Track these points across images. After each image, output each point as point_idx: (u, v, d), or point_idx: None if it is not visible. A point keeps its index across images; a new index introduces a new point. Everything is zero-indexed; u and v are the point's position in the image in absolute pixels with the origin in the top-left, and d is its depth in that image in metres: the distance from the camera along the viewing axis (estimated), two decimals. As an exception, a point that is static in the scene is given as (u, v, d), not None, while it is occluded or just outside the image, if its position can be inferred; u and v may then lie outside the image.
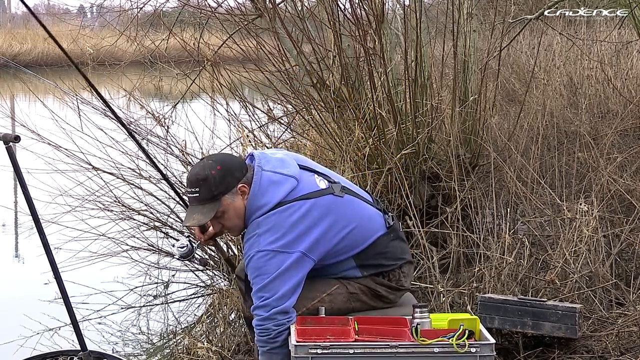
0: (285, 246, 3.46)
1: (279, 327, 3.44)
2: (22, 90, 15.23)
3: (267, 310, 3.43)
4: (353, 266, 3.68)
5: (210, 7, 7.90)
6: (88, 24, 13.98)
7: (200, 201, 3.54)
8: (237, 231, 3.68)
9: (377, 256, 3.71)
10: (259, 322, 3.45)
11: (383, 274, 3.71)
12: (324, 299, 3.59)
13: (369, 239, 3.69)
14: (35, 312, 5.89)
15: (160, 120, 7.30)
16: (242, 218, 3.59)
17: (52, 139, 6.75)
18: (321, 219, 3.52)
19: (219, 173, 3.52)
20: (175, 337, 6.03)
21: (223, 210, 3.55)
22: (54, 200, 6.54)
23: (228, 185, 3.53)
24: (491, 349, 3.22)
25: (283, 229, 3.47)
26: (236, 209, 3.56)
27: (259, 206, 3.52)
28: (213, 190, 3.51)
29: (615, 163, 6.36)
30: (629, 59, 9.87)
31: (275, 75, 7.13)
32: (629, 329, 4.72)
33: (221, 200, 3.52)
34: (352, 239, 3.63)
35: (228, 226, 3.63)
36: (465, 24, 6.52)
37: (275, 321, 3.43)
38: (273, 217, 3.49)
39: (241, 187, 3.55)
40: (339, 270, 3.67)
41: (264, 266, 3.45)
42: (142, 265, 6.85)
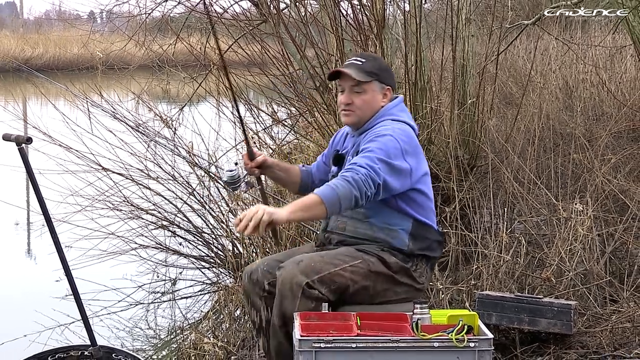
0: (406, 149, 3.62)
1: (368, 177, 3.46)
2: (34, 93, 15.23)
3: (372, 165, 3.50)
4: (407, 229, 3.69)
5: (216, 12, 7.91)
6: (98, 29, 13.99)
7: (359, 68, 3.72)
8: (357, 116, 3.77)
9: (428, 240, 3.74)
10: (360, 166, 3.49)
11: (412, 267, 3.72)
12: (346, 268, 3.58)
13: (430, 218, 3.76)
14: (46, 309, 5.89)
15: (167, 122, 7.32)
16: (370, 110, 3.75)
17: (63, 141, 6.76)
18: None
19: (385, 66, 3.90)
20: (183, 333, 6.03)
21: (366, 89, 3.73)
22: (65, 200, 6.55)
23: (384, 78, 3.77)
24: (489, 344, 3.22)
25: (410, 138, 3.68)
26: (373, 99, 3.75)
27: (398, 116, 3.75)
28: (374, 70, 3.75)
29: (609, 164, 6.36)
30: (622, 63, 9.87)
31: (279, 79, 7.16)
32: (623, 325, 4.72)
33: (372, 82, 3.74)
34: (425, 199, 3.74)
35: (357, 104, 3.74)
36: (463, 29, 6.52)
37: (369, 173, 3.47)
38: (406, 128, 3.71)
39: (388, 89, 3.78)
40: (396, 222, 3.68)
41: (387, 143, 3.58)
42: (150, 263, 6.87)
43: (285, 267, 3.56)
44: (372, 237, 3.69)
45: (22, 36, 37.16)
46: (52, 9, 30.12)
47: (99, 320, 6.05)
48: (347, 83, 3.74)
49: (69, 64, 27.77)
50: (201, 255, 6.76)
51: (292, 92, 7.18)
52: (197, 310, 6.53)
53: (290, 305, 3.48)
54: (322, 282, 3.52)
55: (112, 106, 7.17)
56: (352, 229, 3.72)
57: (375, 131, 3.65)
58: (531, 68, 8.79)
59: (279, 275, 3.56)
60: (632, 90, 8.71)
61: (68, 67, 22.31)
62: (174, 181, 6.77)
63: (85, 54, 10.95)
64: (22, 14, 50.91)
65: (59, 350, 3.67)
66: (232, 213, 6.67)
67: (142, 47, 9.45)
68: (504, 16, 8.65)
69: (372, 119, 3.75)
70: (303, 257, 3.60)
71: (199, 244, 6.74)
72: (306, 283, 3.48)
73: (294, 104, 7.36)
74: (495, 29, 7.44)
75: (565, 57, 10.00)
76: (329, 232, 3.81)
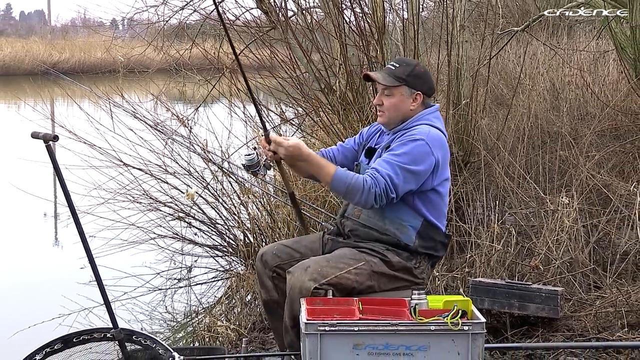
0: (436, 153, 3.61)
1: (384, 192, 3.50)
2: (61, 95, 15.23)
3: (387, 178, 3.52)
4: (417, 227, 3.67)
5: (229, 19, 7.90)
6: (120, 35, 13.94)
7: (390, 73, 3.72)
8: (387, 117, 3.76)
9: (433, 241, 3.72)
10: (382, 177, 3.50)
11: (415, 264, 3.70)
12: (350, 271, 3.57)
13: (440, 220, 3.74)
14: (72, 294, 5.90)
15: (184, 121, 7.31)
16: (398, 112, 3.72)
17: (87, 138, 6.76)
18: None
19: (419, 72, 3.75)
20: (198, 316, 6.02)
21: (394, 93, 3.71)
22: (89, 193, 6.55)
23: (414, 84, 3.71)
24: (482, 327, 3.21)
25: (442, 145, 3.67)
26: (401, 102, 3.72)
27: (433, 122, 3.71)
28: (404, 75, 3.70)
29: (593, 160, 6.36)
30: (605, 67, 9.86)
31: (287, 81, 7.14)
32: (606, 309, 4.72)
33: (400, 86, 3.69)
34: (440, 201, 3.72)
35: (386, 106, 3.73)
36: (458, 35, 6.50)
37: (387, 187, 3.50)
38: (440, 135, 3.69)
39: (417, 94, 3.71)
40: (408, 219, 3.66)
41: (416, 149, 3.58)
42: (167, 252, 6.87)
43: (293, 273, 3.56)
44: (383, 228, 3.67)
45: (50, 42, 37.23)
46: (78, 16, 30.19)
47: (120, 305, 6.06)
48: (380, 85, 3.76)
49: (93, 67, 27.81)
50: (215, 244, 6.76)
51: (299, 93, 7.17)
52: (211, 295, 6.53)
53: (299, 308, 3.47)
54: (329, 284, 3.53)
55: (133, 106, 7.17)
56: (365, 217, 3.70)
57: (410, 134, 3.63)
58: (520, 71, 8.77)
59: (288, 280, 3.58)
60: (614, 92, 8.69)
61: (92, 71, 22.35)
62: (189, 176, 6.77)
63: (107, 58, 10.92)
64: (50, 22, 51.00)
65: (84, 332, 3.67)
66: (243, 206, 6.67)
67: (161, 52, 9.44)
68: (495, 23, 8.63)
69: (408, 121, 3.73)
70: (310, 263, 3.59)
71: (212, 234, 6.74)
72: (314, 287, 3.49)
73: (301, 104, 7.35)
74: (488, 35, 7.43)
75: (552, 61, 9.99)
76: (345, 217, 3.80)
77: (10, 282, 7.07)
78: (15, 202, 8.51)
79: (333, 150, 4.04)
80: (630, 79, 7.63)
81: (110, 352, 3.63)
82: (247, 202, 6.67)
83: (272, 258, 3.82)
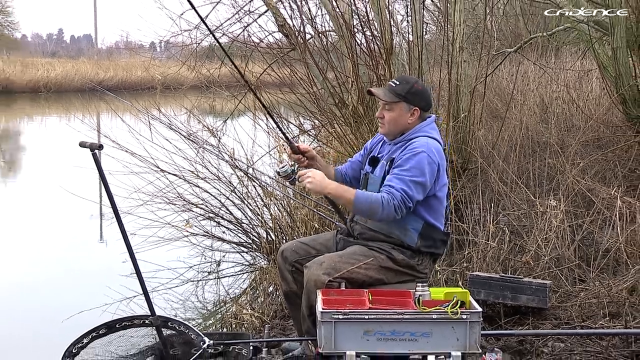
0: (438, 163, 3.63)
1: (401, 203, 3.51)
2: (105, 109, 15.31)
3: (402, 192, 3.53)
4: (418, 229, 3.66)
5: (254, 42, 7.93)
6: (157, 56, 14.02)
7: (390, 90, 3.72)
8: (387, 129, 3.77)
9: (434, 240, 3.71)
10: (397, 191, 3.51)
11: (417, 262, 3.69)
12: (360, 266, 3.58)
13: (439, 220, 3.73)
14: (115, 285, 5.91)
15: (213, 132, 7.33)
16: (396, 125, 3.73)
17: (128, 147, 6.79)
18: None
19: (417, 89, 3.73)
20: (225, 305, 6.03)
21: (394, 108, 3.71)
22: (130, 196, 6.57)
23: (412, 100, 3.70)
24: (478, 316, 3.21)
25: (440, 154, 3.66)
26: (400, 118, 3.72)
27: (429, 133, 3.71)
28: (403, 92, 3.70)
29: (578, 167, 6.33)
30: (589, 84, 9.81)
31: (305, 97, 7.16)
32: (589, 300, 4.69)
33: (399, 102, 3.70)
34: (439, 205, 3.71)
35: (386, 119, 3.75)
36: (457, 55, 6.49)
37: (403, 199, 3.51)
38: (437, 145, 3.68)
39: (415, 110, 3.71)
40: (410, 223, 3.65)
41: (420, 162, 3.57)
42: (199, 248, 6.88)
43: (310, 268, 3.58)
44: (388, 232, 3.67)
45: (96, 62, 37.44)
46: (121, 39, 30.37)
47: (157, 295, 6.06)
48: (381, 100, 3.77)
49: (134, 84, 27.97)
50: (241, 241, 6.77)
51: (315, 107, 7.18)
52: (237, 287, 6.53)
53: (315, 299, 3.48)
54: (341, 278, 3.54)
55: (168, 119, 7.20)
56: (372, 222, 3.70)
57: (411, 147, 3.63)
58: (513, 88, 8.76)
59: (305, 274, 3.59)
60: (597, 107, 8.65)
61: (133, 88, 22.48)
62: (218, 180, 6.79)
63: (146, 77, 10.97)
64: (97, 44, 51.23)
65: (125, 319, 3.68)
66: (266, 207, 6.67)
67: (193, 71, 9.47)
68: (490, 45, 8.60)
69: (407, 133, 3.73)
70: (325, 259, 3.61)
71: (239, 233, 6.75)
72: (328, 281, 3.50)
73: (317, 117, 7.36)
74: (484, 55, 7.39)
75: (542, 79, 9.95)
76: (354, 222, 3.81)
77: (61, 274, 7.10)
78: (65, 204, 8.53)
79: (345, 166, 4.07)
80: (612, 95, 7.60)
81: (149, 337, 3.64)
82: (270, 204, 6.68)
83: (292, 254, 3.83)
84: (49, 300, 6.34)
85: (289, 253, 3.84)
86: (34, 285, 6.76)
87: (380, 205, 3.48)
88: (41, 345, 5.19)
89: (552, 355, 4.16)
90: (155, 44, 15.91)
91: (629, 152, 7.28)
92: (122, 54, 36.18)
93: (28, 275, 7.05)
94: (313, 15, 7.43)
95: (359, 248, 3.69)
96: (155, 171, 6.74)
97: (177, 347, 3.62)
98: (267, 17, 8.43)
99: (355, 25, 6.77)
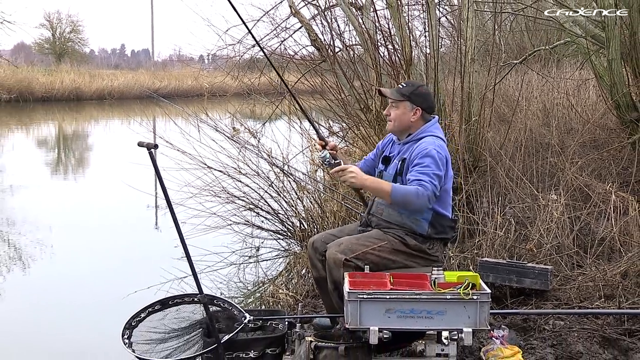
0: (446, 158, 3.62)
1: (432, 193, 3.48)
2: (160, 113, 15.42)
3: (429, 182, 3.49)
4: (428, 219, 3.61)
5: (289, 55, 7.92)
6: (205, 67, 14.09)
7: (398, 90, 3.75)
8: (392, 126, 3.77)
9: (443, 227, 3.66)
10: (427, 183, 3.47)
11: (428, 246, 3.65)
12: (375, 248, 3.56)
13: (447, 209, 3.68)
14: (168, 267, 5.95)
15: (253, 133, 7.34)
16: (401, 122, 3.72)
17: (180, 147, 6.81)
18: None
19: (420, 92, 3.74)
20: (264, 285, 6.04)
21: (399, 106, 3.71)
22: (181, 189, 6.59)
23: (415, 101, 3.70)
24: (487, 297, 3.18)
25: (445, 151, 3.63)
26: (404, 115, 3.72)
27: (434, 133, 3.68)
28: (408, 93, 3.71)
29: (576, 165, 6.27)
30: (586, 92, 9.71)
31: (334, 102, 7.13)
32: (586, 284, 4.65)
33: (403, 101, 3.70)
34: (446, 195, 3.67)
35: (392, 116, 3.75)
36: (469, 66, 6.42)
37: (433, 190, 3.48)
38: (442, 143, 3.66)
39: (417, 109, 3.70)
40: (419, 213, 3.60)
41: (435, 158, 3.54)
42: (240, 235, 6.88)
43: (330, 248, 3.59)
44: (401, 222, 3.64)
45: (152, 73, 37.81)
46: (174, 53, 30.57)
47: (204, 276, 6.08)
48: (389, 100, 3.78)
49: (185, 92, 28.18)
50: (277, 230, 6.76)
51: (343, 112, 7.15)
52: (274, 269, 6.54)
53: (337, 274, 3.49)
54: (357, 258, 3.53)
55: (215, 122, 7.21)
56: (387, 214, 3.69)
57: (422, 146, 3.60)
58: (519, 95, 8.67)
59: (327, 253, 3.59)
60: (593, 112, 8.55)
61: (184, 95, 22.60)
62: (257, 176, 6.79)
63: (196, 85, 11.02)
64: (153, 57, 51.67)
65: (177, 297, 3.70)
66: (299, 200, 6.67)
67: (236, 80, 9.50)
68: (499, 57, 8.51)
69: (414, 134, 3.71)
70: (343, 241, 3.61)
71: (275, 222, 6.75)
72: (345, 259, 3.49)
73: (345, 120, 7.33)
74: (492, 66, 7.33)
75: (544, 87, 9.86)
76: (371, 214, 3.78)
77: (122, 258, 7.16)
78: (125, 197, 8.62)
79: (361, 164, 4.05)
80: (607, 101, 7.52)
81: (197, 312, 3.65)
82: (303, 197, 6.67)
83: (321, 245, 3.79)
84: (112, 279, 6.41)
85: (319, 244, 3.81)
86: (99, 266, 6.84)
87: (415, 196, 3.44)
88: (106, 318, 5.24)
89: (553, 332, 4.12)
90: (204, 57, 15.99)
91: (622, 152, 7.23)
92: (175, 65, 36.40)
93: (95, 258, 7.14)
94: (341, 31, 7.40)
95: (375, 232, 3.67)
96: (203, 168, 6.76)
97: (222, 321, 3.62)
98: (301, 32, 8.44)
99: (378, 40, 6.73)
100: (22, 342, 5.10)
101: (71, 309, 5.68)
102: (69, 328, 5.29)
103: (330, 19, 7.28)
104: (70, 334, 5.16)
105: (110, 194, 10.36)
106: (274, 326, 3.76)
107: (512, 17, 11.73)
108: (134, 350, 3.41)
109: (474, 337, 3.20)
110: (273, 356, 3.53)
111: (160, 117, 15.34)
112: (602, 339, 3.99)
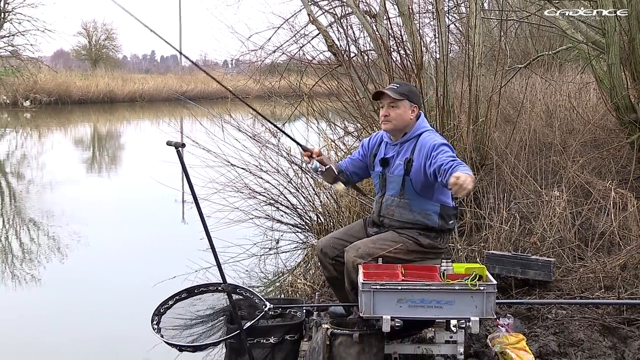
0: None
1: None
2: (187, 114, 15.48)
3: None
4: (437, 211, 3.55)
5: (307, 60, 7.90)
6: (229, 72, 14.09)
7: (394, 91, 3.61)
8: (393, 125, 3.64)
9: (449, 216, 3.59)
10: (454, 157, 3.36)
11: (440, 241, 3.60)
12: (391, 250, 3.50)
13: (449, 199, 3.61)
14: (194, 257, 5.96)
15: (274, 134, 7.33)
16: (402, 121, 3.61)
17: (205, 146, 6.83)
18: None
19: (413, 90, 3.71)
20: (283, 276, 6.04)
21: (399, 105, 3.60)
22: (206, 185, 6.61)
23: (412, 99, 3.63)
24: (494, 288, 3.15)
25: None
26: (404, 113, 3.61)
27: (428, 127, 3.64)
28: (406, 92, 3.63)
29: (578, 164, 6.22)
30: (587, 94, 9.62)
31: (349, 104, 7.10)
32: (587, 275, 4.60)
33: (403, 100, 3.60)
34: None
35: (393, 116, 3.62)
36: (476, 70, 6.37)
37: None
38: (438, 133, 3.64)
39: (415, 106, 3.63)
40: (430, 207, 3.55)
41: (447, 144, 3.46)
42: (261, 228, 6.90)
43: (348, 252, 3.51)
44: (413, 220, 3.58)
45: (180, 77, 37.92)
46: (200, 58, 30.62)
47: (227, 266, 6.09)
48: (386, 100, 3.64)
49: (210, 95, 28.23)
50: (296, 223, 6.76)
51: (357, 113, 7.12)
52: (293, 260, 6.54)
53: (355, 276, 3.43)
54: (374, 260, 3.48)
55: (238, 123, 7.22)
56: (398, 215, 3.61)
57: (428, 141, 3.51)
58: (523, 97, 8.60)
59: (345, 257, 3.52)
60: (594, 113, 8.46)
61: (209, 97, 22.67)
62: (277, 173, 6.79)
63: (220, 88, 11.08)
64: (181, 62, 51.81)
65: (202, 286, 3.70)
66: (317, 195, 6.66)
67: (258, 83, 9.49)
68: (504, 62, 8.45)
69: (410, 132, 3.61)
70: (360, 245, 3.53)
71: (294, 216, 6.75)
72: (364, 264, 3.43)
73: (359, 121, 7.30)
74: (498, 70, 7.28)
75: (547, 90, 9.78)
76: (382, 216, 3.68)
77: (151, 249, 7.20)
78: (154, 192, 8.65)
79: (346, 162, 3.92)
80: (607, 103, 7.44)
81: (221, 300, 3.65)
82: (320, 192, 6.67)
83: (331, 250, 3.70)
84: (141, 269, 6.45)
85: (329, 250, 3.71)
86: (130, 256, 6.88)
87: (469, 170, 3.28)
88: (136, 304, 5.27)
89: (556, 320, 4.08)
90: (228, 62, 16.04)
91: (621, 151, 7.17)
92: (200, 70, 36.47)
93: (126, 249, 7.18)
94: (356, 37, 7.36)
95: (390, 234, 3.59)
96: (227, 165, 6.77)
97: (244, 309, 3.62)
98: (318, 39, 8.39)
99: (391, 46, 6.69)
100: (59, 326, 5.14)
101: (104, 296, 5.71)
102: (102, 314, 5.32)
103: (346, 26, 7.24)
104: (104, 321, 5.19)
105: (140, 190, 10.42)
106: (293, 314, 3.75)
107: (517, 24, 11.64)
108: (162, 336, 3.42)
109: (480, 325, 3.18)
110: (292, 342, 3.52)
111: (187, 118, 15.40)
112: (602, 327, 3.95)
